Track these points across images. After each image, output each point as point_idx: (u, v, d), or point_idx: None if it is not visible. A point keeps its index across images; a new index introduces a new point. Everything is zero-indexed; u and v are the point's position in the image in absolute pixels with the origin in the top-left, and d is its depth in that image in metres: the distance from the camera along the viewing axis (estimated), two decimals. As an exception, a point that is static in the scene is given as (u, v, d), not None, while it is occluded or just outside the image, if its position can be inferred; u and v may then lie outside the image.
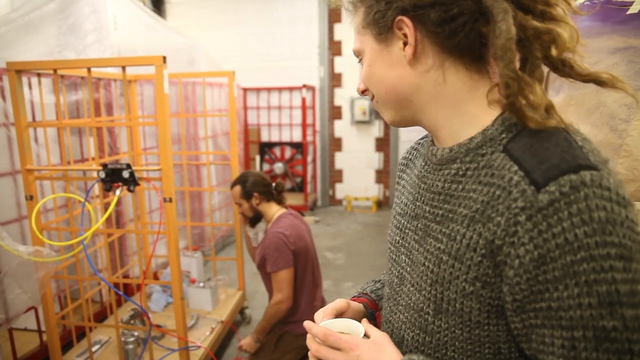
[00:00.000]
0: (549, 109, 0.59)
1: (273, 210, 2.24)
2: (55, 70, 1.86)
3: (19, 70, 1.83)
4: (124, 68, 1.84)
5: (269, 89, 6.12)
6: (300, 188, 6.12)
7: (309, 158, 6.08)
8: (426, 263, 0.67)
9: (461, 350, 0.63)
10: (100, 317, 2.71)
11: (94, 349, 2.26)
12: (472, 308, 0.60)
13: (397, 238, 0.77)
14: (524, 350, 0.59)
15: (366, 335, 0.70)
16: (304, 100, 5.59)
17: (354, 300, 0.89)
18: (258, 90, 6.13)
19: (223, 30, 6.04)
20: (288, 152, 6.20)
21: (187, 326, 2.38)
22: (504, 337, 0.60)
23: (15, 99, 1.85)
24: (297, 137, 6.18)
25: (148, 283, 2.71)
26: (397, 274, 0.76)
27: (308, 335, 0.72)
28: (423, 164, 0.75)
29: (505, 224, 0.55)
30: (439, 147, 0.69)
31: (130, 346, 2.20)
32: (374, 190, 6.23)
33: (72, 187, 2.23)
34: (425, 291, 0.66)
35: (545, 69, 0.63)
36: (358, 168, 6.21)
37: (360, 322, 0.75)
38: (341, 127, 6.20)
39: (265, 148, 6.24)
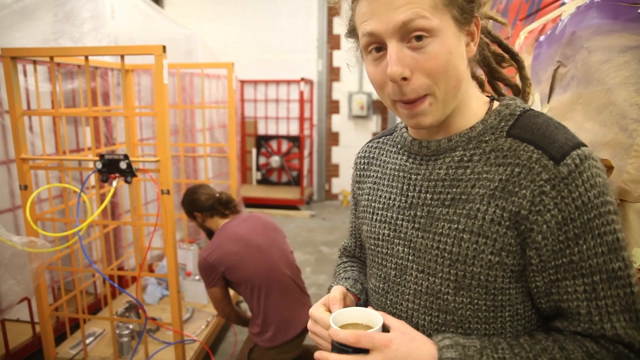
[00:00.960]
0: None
1: (217, 224, 2.19)
2: (51, 58, 1.82)
3: (14, 57, 1.79)
4: (122, 57, 1.81)
5: (266, 82, 6.08)
6: (296, 182, 6.10)
7: (306, 152, 6.05)
8: (440, 246, 0.70)
9: (483, 319, 0.69)
10: (94, 309, 2.68)
11: (87, 341, 2.24)
12: (496, 277, 0.67)
13: (386, 231, 0.79)
14: (536, 304, 0.68)
15: (384, 325, 0.68)
16: (301, 93, 5.55)
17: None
18: (256, 82, 6.08)
19: (221, 21, 5.99)
20: (285, 146, 6.16)
21: (183, 319, 2.36)
22: (521, 298, 0.68)
23: (9, 86, 1.81)
24: (294, 130, 6.14)
25: (144, 275, 2.68)
26: (393, 266, 0.77)
27: (318, 353, 0.66)
28: (405, 158, 0.79)
29: (530, 195, 0.64)
30: (431, 141, 0.74)
31: (125, 339, 2.18)
32: (371, 186, 6.21)
33: (67, 177, 2.20)
34: (442, 273, 0.70)
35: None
36: (355, 163, 6.19)
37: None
38: (338, 122, 6.17)
39: (262, 141, 6.21)
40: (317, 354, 0.66)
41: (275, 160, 6.09)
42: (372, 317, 0.70)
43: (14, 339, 2.25)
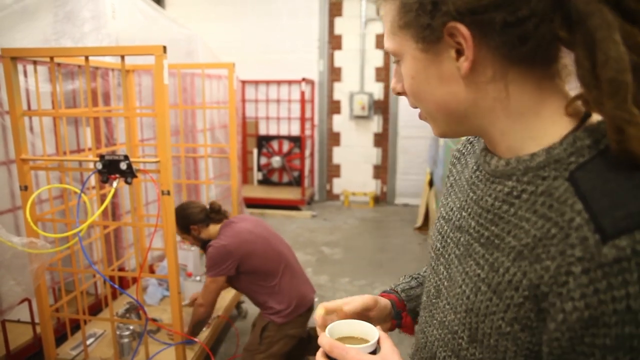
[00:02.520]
0: None
1: (215, 230, 2.33)
2: (52, 58, 1.81)
3: (14, 57, 1.79)
4: (122, 57, 1.80)
5: (267, 82, 6.08)
6: (297, 182, 6.09)
7: (307, 152, 6.05)
8: (463, 286, 0.60)
9: None
10: (95, 309, 2.68)
11: (88, 342, 2.24)
12: (507, 348, 0.53)
13: (438, 245, 0.70)
14: None
15: (378, 344, 0.66)
16: (302, 94, 5.55)
17: (382, 296, 0.84)
18: (257, 82, 6.08)
19: (222, 21, 5.99)
20: (286, 146, 6.16)
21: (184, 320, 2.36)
22: None
23: (10, 87, 1.81)
24: (295, 131, 6.14)
25: (144, 276, 2.68)
26: (434, 284, 0.69)
27: (320, 339, 0.67)
28: (475, 168, 0.65)
29: (555, 270, 0.47)
30: (495, 156, 0.59)
31: (126, 340, 2.17)
32: (372, 186, 6.21)
33: (67, 178, 2.20)
34: (460, 315, 0.60)
35: None
36: (356, 163, 6.18)
37: (381, 324, 0.72)
38: (340, 122, 6.17)
39: (263, 141, 6.20)
40: (319, 335, 0.67)
41: (276, 161, 6.09)
42: (370, 332, 0.68)
43: (14, 339, 2.25)
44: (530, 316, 0.50)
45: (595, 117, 0.52)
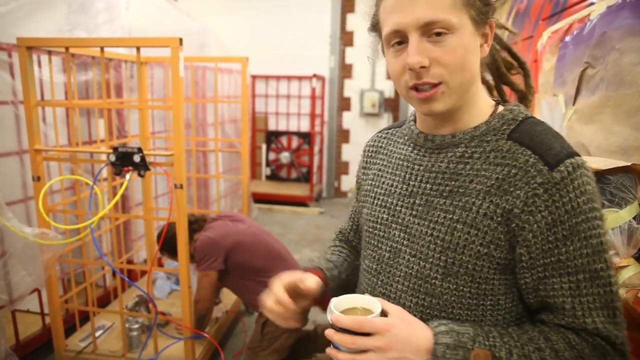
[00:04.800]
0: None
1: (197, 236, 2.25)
2: (67, 49, 1.80)
3: (29, 47, 1.78)
4: (138, 49, 1.79)
5: (278, 77, 6.05)
6: (305, 179, 6.08)
7: (316, 149, 6.03)
8: (434, 233, 0.76)
9: (467, 306, 0.75)
10: (104, 301, 2.68)
11: (97, 334, 2.24)
12: (482, 267, 0.73)
13: (385, 216, 0.85)
14: (524, 299, 0.75)
15: (383, 310, 0.73)
16: (313, 90, 5.52)
17: (308, 272, 0.92)
18: (267, 78, 6.06)
19: (233, 15, 5.96)
20: (295, 142, 6.14)
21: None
22: (503, 290, 0.74)
23: (25, 77, 1.80)
24: (304, 127, 6.12)
25: (154, 270, 2.68)
26: (387, 249, 0.83)
27: (327, 332, 0.72)
28: (410, 149, 0.85)
29: (524, 196, 0.70)
30: (436, 135, 0.80)
31: (135, 333, 2.17)
32: (380, 184, 6.17)
33: (79, 169, 2.19)
34: (432, 258, 0.76)
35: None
36: (365, 161, 6.15)
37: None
38: (349, 119, 6.13)
39: (272, 137, 6.19)
40: (333, 317, 0.72)
41: (285, 156, 6.07)
42: (371, 302, 0.75)
43: (24, 329, 2.26)
44: (501, 237, 0.72)
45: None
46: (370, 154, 0.97)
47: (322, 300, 0.89)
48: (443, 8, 0.69)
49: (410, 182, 0.82)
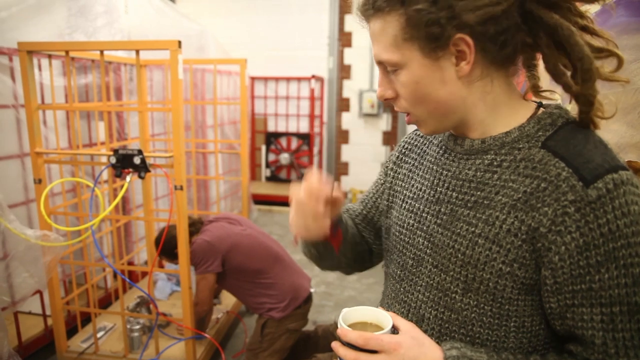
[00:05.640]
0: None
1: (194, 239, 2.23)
2: (67, 52, 1.82)
3: (30, 51, 1.80)
4: (137, 52, 1.80)
5: (277, 79, 6.07)
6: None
7: (315, 149, 6.04)
8: (456, 246, 0.71)
9: (487, 325, 0.69)
10: (105, 303, 2.69)
11: (98, 335, 2.25)
12: (505, 286, 0.67)
13: (411, 221, 0.80)
14: (550, 324, 0.68)
15: (394, 326, 0.69)
16: (312, 91, 5.53)
17: None
18: (266, 79, 6.07)
19: (232, 17, 5.98)
20: (294, 143, 6.15)
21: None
22: (529, 312, 0.68)
23: (25, 80, 1.82)
24: (304, 128, 6.13)
25: (155, 271, 2.69)
26: (412, 256, 0.79)
27: (333, 344, 0.68)
28: (441, 152, 0.79)
29: (552, 214, 0.62)
30: (466, 138, 0.74)
31: (136, 334, 2.18)
32: (380, 184, 6.18)
33: (79, 171, 2.20)
34: (453, 272, 0.71)
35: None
36: (364, 161, 6.16)
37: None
38: (349, 120, 6.14)
39: (272, 138, 6.20)
40: (339, 331, 0.68)
41: (284, 157, 6.09)
42: (382, 317, 0.71)
43: (26, 331, 2.27)
44: (525, 255, 0.65)
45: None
46: (404, 151, 0.91)
47: (333, 234, 0.84)
48: (385, 48, 0.67)
49: (438, 189, 0.76)
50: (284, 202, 5.67)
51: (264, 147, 6.21)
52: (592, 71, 0.63)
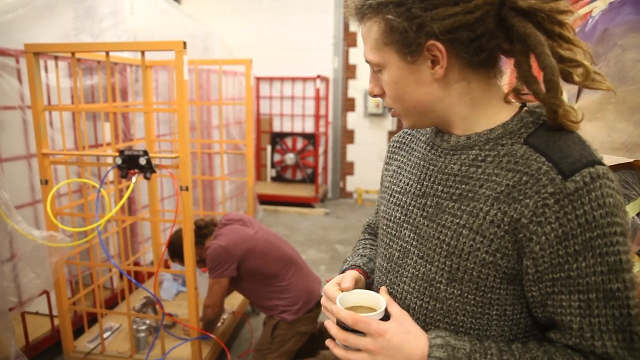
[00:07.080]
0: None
1: (209, 242, 2.21)
2: (73, 54, 1.83)
3: (36, 53, 1.81)
4: (143, 53, 1.81)
5: (282, 79, 6.07)
6: (311, 179, 6.09)
7: (321, 149, 6.04)
8: (441, 237, 0.74)
9: (471, 313, 0.73)
10: (111, 303, 2.70)
11: (105, 335, 2.26)
12: (488, 275, 0.70)
13: (398, 214, 0.84)
14: (532, 312, 0.71)
15: (386, 310, 0.74)
16: (317, 91, 5.53)
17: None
18: (271, 79, 6.08)
19: (237, 18, 5.99)
20: (300, 143, 6.16)
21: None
22: (511, 300, 0.71)
23: (32, 82, 1.83)
24: (309, 128, 6.13)
25: (161, 271, 2.70)
26: (398, 248, 0.83)
27: (327, 322, 0.77)
28: (428, 148, 0.83)
29: (533, 205, 0.65)
30: (452, 135, 0.77)
31: (142, 334, 2.19)
32: (385, 184, 6.17)
33: (86, 172, 2.21)
34: (438, 262, 0.75)
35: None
36: (370, 161, 6.15)
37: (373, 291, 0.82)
38: (354, 119, 6.14)
39: (277, 138, 6.20)
40: (325, 323, 0.76)
41: (290, 158, 6.09)
42: (377, 300, 0.75)
43: (33, 331, 2.28)
44: (508, 246, 0.68)
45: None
46: (393, 150, 0.96)
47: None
48: (370, 49, 0.74)
49: (424, 183, 0.80)
50: (289, 202, 5.67)
51: (269, 147, 6.21)
52: (553, 82, 0.66)
